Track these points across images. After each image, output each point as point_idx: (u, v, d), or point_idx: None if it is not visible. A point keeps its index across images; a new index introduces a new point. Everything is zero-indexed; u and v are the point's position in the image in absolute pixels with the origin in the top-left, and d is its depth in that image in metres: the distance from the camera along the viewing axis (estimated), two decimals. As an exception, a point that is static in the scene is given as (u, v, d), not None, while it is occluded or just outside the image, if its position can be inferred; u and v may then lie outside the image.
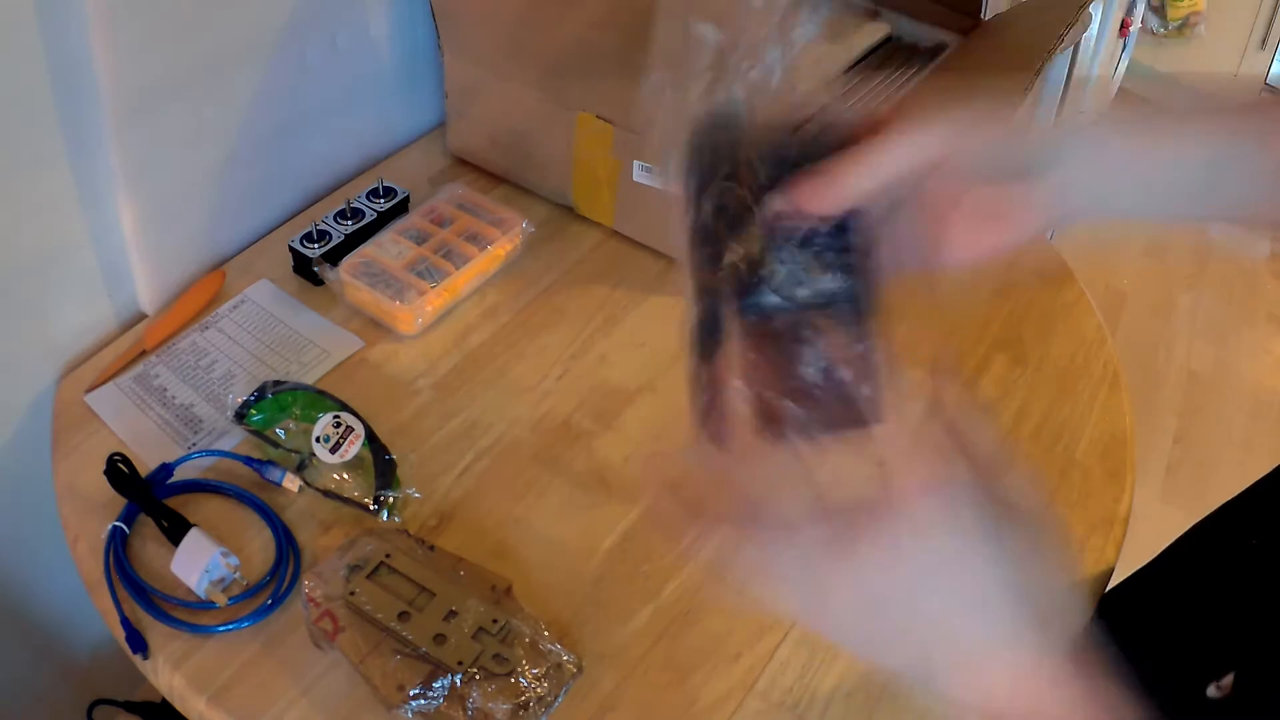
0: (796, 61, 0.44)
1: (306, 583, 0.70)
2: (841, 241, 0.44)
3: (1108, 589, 0.79)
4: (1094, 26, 2.12)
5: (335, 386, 0.86)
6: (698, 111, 0.45)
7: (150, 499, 0.76)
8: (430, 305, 0.92)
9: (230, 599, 0.72)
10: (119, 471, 0.76)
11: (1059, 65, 1.99)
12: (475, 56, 1.02)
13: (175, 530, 0.74)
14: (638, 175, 0.97)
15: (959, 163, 0.46)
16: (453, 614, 0.68)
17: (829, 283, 0.44)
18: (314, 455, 0.78)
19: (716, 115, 0.45)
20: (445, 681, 0.65)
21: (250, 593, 0.73)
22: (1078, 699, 0.38)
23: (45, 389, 0.87)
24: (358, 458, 0.78)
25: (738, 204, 0.44)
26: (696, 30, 0.45)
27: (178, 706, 0.70)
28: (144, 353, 0.88)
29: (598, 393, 0.89)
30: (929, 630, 0.40)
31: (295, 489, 0.78)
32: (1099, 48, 2.20)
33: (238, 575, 0.73)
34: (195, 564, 0.71)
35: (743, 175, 0.45)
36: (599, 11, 0.89)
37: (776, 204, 0.44)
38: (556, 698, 0.67)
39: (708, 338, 0.44)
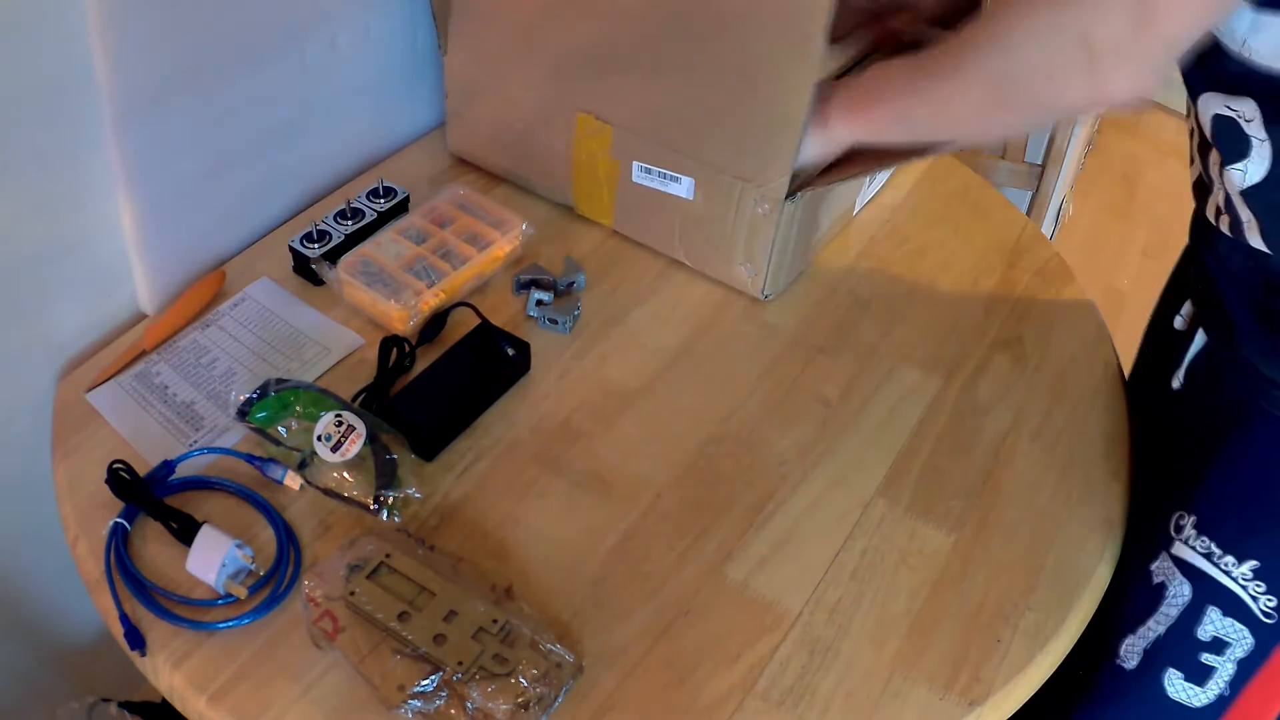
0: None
1: (306, 583, 0.70)
2: None
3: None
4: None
5: (335, 384, 0.86)
6: None
7: (155, 503, 0.76)
8: (426, 306, 0.92)
9: (250, 588, 0.72)
10: (120, 479, 0.76)
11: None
12: (483, 54, 1.02)
13: (185, 531, 0.74)
14: (637, 175, 0.97)
15: None
16: (453, 614, 0.68)
17: None
18: (315, 454, 0.78)
19: None
20: (445, 681, 0.66)
21: (253, 589, 0.73)
22: None
23: (45, 388, 0.87)
24: (359, 457, 0.78)
25: None
26: None
27: (177, 706, 0.70)
28: (144, 353, 0.88)
29: (598, 393, 0.89)
30: None
31: (296, 487, 0.78)
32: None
33: (254, 565, 0.73)
34: (211, 560, 0.72)
35: None
36: (632, 3, 0.89)
37: None
38: (556, 698, 0.67)
39: None
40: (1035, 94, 0.69)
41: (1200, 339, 0.79)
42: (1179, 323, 0.84)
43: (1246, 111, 0.65)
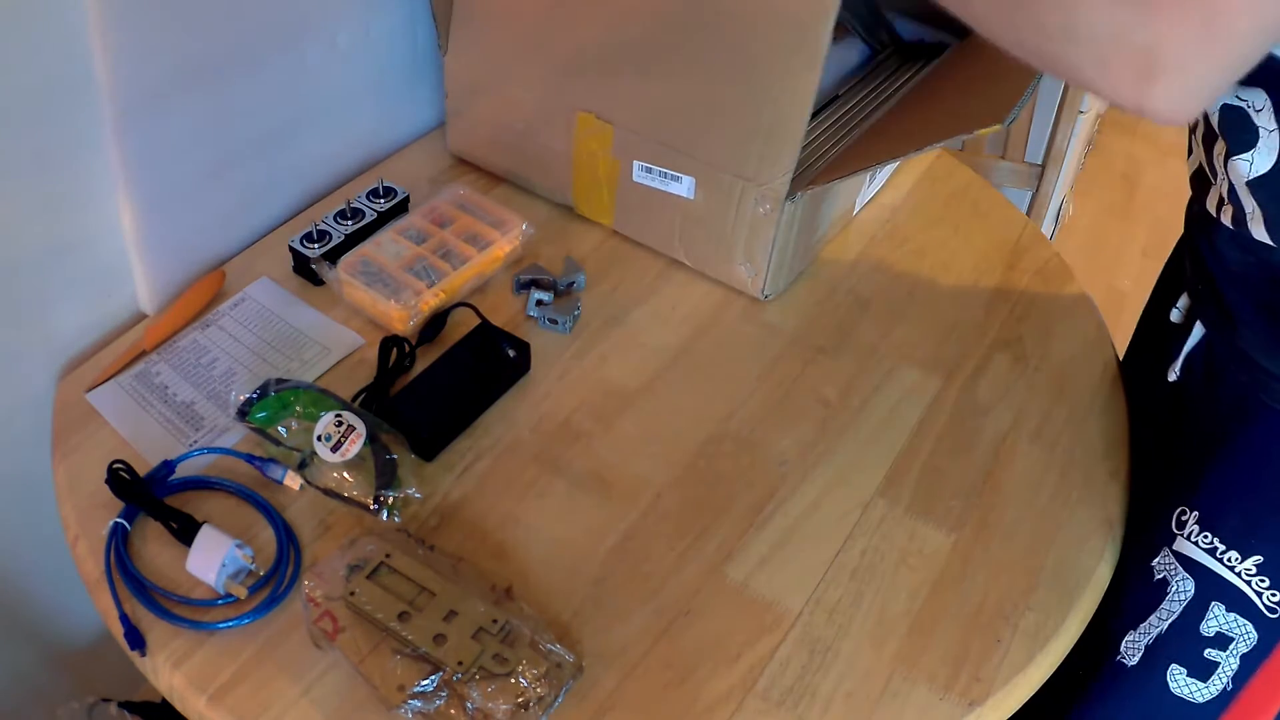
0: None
1: (306, 583, 0.70)
2: None
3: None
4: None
5: (335, 384, 0.86)
6: None
7: (155, 503, 0.76)
8: (426, 306, 0.92)
9: (250, 588, 0.72)
10: (120, 479, 0.76)
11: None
12: (483, 54, 1.02)
13: (185, 531, 0.74)
14: (638, 175, 0.97)
15: None
16: (453, 614, 0.68)
17: None
18: (315, 454, 0.78)
19: None
20: (445, 681, 0.66)
21: (253, 589, 0.73)
22: None
23: (45, 388, 0.87)
24: (359, 457, 0.78)
25: None
26: None
27: (177, 706, 0.70)
28: (144, 353, 0.88)
29: (598, 393, 0.89)
30: None
31: (296, 487, 0.78)
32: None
33: (254, 565, 0.73)
34: (211, 561, 0.71)
35: None
36: (633, 2, 0.88)
37: None
38: (556, 698, 0.67)
39: None
40: (1079, 66, 0.59)
41: (1198, 332, 0.79)
42: (1175, 315, 0.84)
43: (1256, 102, 0.65)
